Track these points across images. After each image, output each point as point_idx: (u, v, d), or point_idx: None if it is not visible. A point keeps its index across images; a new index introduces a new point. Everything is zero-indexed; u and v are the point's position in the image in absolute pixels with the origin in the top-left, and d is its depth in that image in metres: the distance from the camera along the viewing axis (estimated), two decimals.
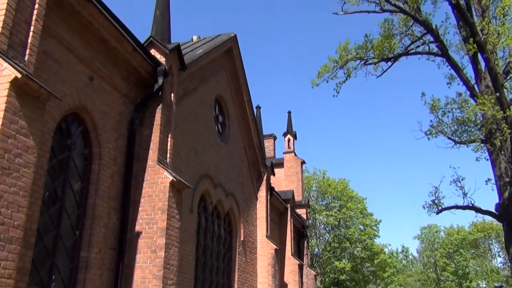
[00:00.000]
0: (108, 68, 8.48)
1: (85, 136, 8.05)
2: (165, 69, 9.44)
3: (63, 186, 7.35)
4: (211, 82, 13.48)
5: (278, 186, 24.25)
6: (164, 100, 9.44)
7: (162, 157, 9.13)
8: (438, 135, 14.97)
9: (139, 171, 8.92)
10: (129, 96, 9.12)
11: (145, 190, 8.78)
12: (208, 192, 12.43)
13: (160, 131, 9.13)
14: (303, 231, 24.06)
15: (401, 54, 14.83)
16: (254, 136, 16.71)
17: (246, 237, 15.05)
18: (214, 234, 13.03)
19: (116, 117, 8.65)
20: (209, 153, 12.67)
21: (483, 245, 60.60)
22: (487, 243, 60.64)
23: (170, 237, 8.55)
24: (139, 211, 8.66)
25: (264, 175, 17.21)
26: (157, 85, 9.29)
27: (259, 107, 19.40)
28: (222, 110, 14.77)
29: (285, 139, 26.96)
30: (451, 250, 59.92)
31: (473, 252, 59.75)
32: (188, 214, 10.88)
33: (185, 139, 11.12)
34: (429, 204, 15.88)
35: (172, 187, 8.79)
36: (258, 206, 16.73)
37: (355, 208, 46.28)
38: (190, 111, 11.63)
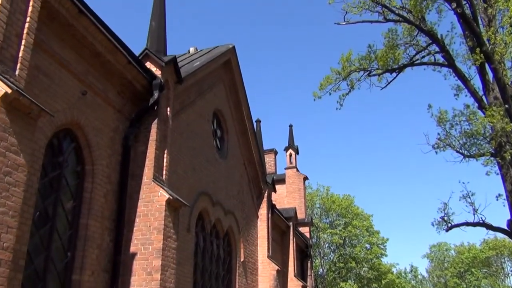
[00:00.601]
0: (102, 82, 8.53)
1: (78, 153, 8.06)
2: (160, 82, 9.49)
3: (55, 205, 7.34)
4: (209, 96, 13.54)
5: (279, 203, 24.18)
6: (159, 114, 9.48)
7: (158, 174, 9.13)
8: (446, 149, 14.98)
9: (134, 189, 8.92)
10: (123, 111, 9.15)
11: (140, 209, 8.76)
12: (206, 211, 12.40)
13: (155, 147, 9.14)
14: (306, 251, 23.94)
15: (406, 65, 14.91)
16: (254, 151, 16.72)
17: (247, 258, 14.98)
18: (213, 254, 12.97)
19: (110, 133, 8.67)
20: (207, 170, 12.67)
21: (496, 264, 60.16)
22: (499, 262, 60.21)
23: (167, 258, 8.51)
24: (134, 231, 8.64)
25: (265, 192, 17.18)
26: (152, 99, 9.34)
27: (259, 121, 19.45)
28: (220, 124, 14.80)
29: (286, 154, 26.97)
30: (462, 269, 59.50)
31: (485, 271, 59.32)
32: (186, 234, 10.84)
33: (182, 155, 11.13)
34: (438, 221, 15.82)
35: (169, 206, 8.78)
36: (259, 224, 16.67)
37: (361, 226, 46.09)
38: (187, 125, 11.66)
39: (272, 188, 18.07)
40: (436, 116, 15.15)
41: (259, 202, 17.02)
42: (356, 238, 46.17)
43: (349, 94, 14.97)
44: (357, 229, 45.91)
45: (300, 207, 25.04)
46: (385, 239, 48.40)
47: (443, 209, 15.51)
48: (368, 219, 48.02)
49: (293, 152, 26.86)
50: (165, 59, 9.92)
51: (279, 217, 19.36)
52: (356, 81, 14.95)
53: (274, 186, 18.56)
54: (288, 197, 25.64)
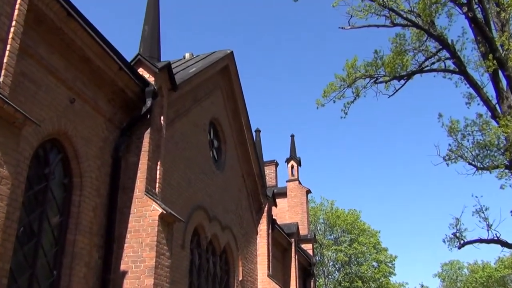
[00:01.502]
0: (92, 89, 8.56)
1: (65, 165, 8.07)
2: (154, 89, 9.52)
3: (40, 220, 7.33)
4: (205, 104, 13.57)
5: (280, 218, 24.13)
6: (153, 123, 9.50)
7: (151, 187, 9.13)
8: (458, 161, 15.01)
9: (125, 203, 8.91)
10: (114, 120, 9.18)
11: (131, 224, 8.75)
12: (202, 226, 12.38)
13: (148, 158, 9.15)
14: (309, 269, 23.85)
15: (415, 71, 14.98)
16: (253, 163, 16.72)
17: (245, 277, 14.92)
18: (209, 273, 12.92)
19: (99, 143, 8.69)
20: (203, 182, 12.67)
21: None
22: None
23: (159, 277, 8.48)
24: (124, 248, 8.61)
25: (265, 206, 17.16)
26: (145, 107, 9.36)
27: (259, 130, 19.47)
28: (217, 134, 14.82)
29: (288, 165, 26.97)
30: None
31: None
32: (180, 250, 10.82)
33: (176, 167, 11.14)
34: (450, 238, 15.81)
35: (162, 221, 8.77)
36: (258, 241, 16.63)
37: (367, 243, 45.96)
38: (182, 135, 11.68)
39: (273, 202, 18.05)
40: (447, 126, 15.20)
41: (259, 217, 16.99)
42: (362, 256, 46.01)
43: (354, 102, 15.05)
44: (363, 246, 45.77)
45: (303, 223, 24.98)
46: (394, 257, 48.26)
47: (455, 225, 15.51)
48: (375, 236, 47.90)
49: (295, 163, 26.85)
50: (158, 65, 9.95)
51: (280, 233, 19.30)
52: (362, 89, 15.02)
53: (275, 200, 18.54)
54: (290, 212, 25.58)
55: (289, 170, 26.84)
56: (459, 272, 65.45)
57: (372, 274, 45.14)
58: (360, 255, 45.70)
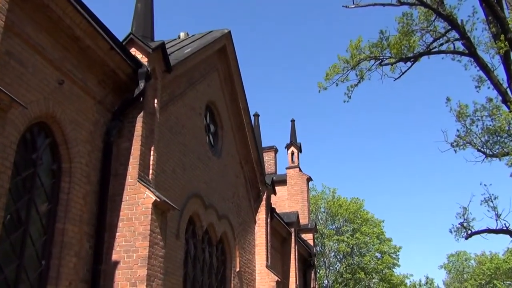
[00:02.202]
0: (81, 70, 8.52)
1: (54, 150, 8.06)
2: (147, 71, 9.49)
3: (28, 208, 7.33)
4: (201, 86, 13.54)
5: (280, 207, 24.22)
6: (146, 107, 9.48)
7: (144, 174, 9.14)
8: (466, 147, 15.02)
9: (117, 190, 8.92)
10: (105, 103, 9.15)
11: (123, 212, 8.77)
12: (197, 215, 12.42)
13: (141, 143, 9.14)
14: (309, 260, 23.99)
15: (422, 53, 14.91)
16: (251, 149, 16.74)
17: (243, 267, 15.01)
18: (205, 263, 12.99)
19: (89, 128, 8.67)
20: (199, 169, 12.69)
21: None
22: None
23: (153, 268, 8.53)
24: (116, 237, 8.64)
25: (263, 194, 17.20)
26: (137, 89, 9.33)
27: (258, 114, 19.45)
28: (214, 118, 14.81)
29: (288, 152, 27.02)
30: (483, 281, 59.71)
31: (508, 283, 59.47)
32: (174, 240, 10.86)
33: (170, 153, 11.14)
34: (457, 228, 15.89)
35: (155, 209, 8.79)
36: (256, 230, 16.70)
37: (370, 233, 46.22)
38: (176, 119, 11.67)
39: (272, 190, 18.10)
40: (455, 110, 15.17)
41: (257, 205, 17.05)
42: (365, 246, 46.29)
43: (358, 85, 14.98)
44: (366, 236, 46.04)
45: (303, 211, 25.09)
46: (398, 248, 48.58)
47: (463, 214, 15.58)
48: (379, 225, 48.15)
49: (295, 149, 26.89)
50: (152, 45, 9.90)
51: (280, 222, 19.38)
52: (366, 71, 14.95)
53: (274, 188, 18.58)
54: (290, 200, 25.69)
55: (289, 157, 26.89)
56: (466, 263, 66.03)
57: (375, 265, 45.45)
58: (362, 246, 45.98)
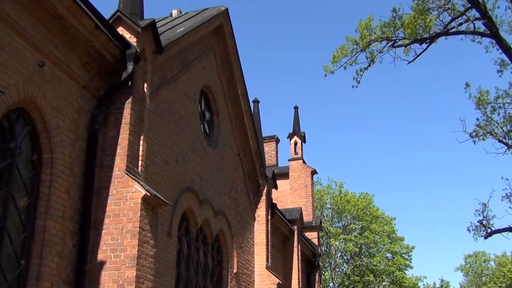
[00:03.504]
0: (64, 51, 8.51)
1: (34, 139, 8.07)
2: (136, 52, 9.47)
3: (5, 202, 7.35)
4: (195, 69, 13.52)
5: (282, 202, 24.26)
6: (134, 92, 9.47)
7: (132, 165, 9.15)
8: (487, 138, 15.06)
9: (103, 183, 8.94)
10: (89, 87, 9.15)
11: (110, 207, 8.79)
12: (191, 211, 12.45)
13: (129, 132, 9.15)
14: (314, 261, 24.06)
15: (439, 34, 14.90)
16: (251, 138, 16.74)
17: (241, 269, 15.06)
18: (199, 264, 13.04)
19: (73, 114, 8.67)
20: (193, 160, 12.70)
21: None
22: None
23: (143, 269, 8.56)
24: (102, 235, 8.67)
25: (263, 188, 17.23)
26: (125, 73, 9.32)
27: (257, 101, 19.44)
28: (209, 105, 14.81)
29: (290, 142, 27.01)
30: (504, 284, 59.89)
31: None
32: (166, 238, 10.89)
33: (162, 142, 11.15)
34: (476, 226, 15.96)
35: (145, 204, 8.81)
36: (256, 228, 16.75)
37: (381, 231, 46.33)
38: (168, 106, 11.67)
39: (273, 184, 18.12)
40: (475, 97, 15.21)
41: (257, 200, 17.08)
42: (375, 246, 46.42)
43: (368, 68, 15.00)
44: (376, 235, 46.16)
45: (307, 208, 25.12)
46: (411, 248, 48.69)
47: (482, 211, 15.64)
48: (390, 223, 48.25)
49: (298, 140, 26.89)
50: (141, 23, 9.88)
51: (281, 219, 19.42)
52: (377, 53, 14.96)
53: (275, 182, 18.60)
54: (292, 195, 25.72)
55: (291, 147, 26.88)
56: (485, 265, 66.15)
57: (385, 266, 45.59)
58: (372, 245, 46.10)
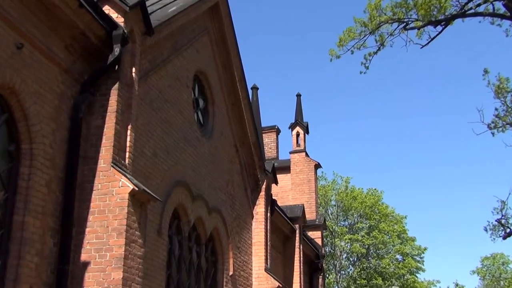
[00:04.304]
0: (44, 32, 8.49)
1: (11, 127, 8.06)
2: (123, 33, 9.44)
3: None
4: (188, 53, 13.50)
5: (282, 199, 24.29)
6: (122, 77, 9.46)
7: (119, 157, 9.15)
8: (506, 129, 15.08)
9: (87, 176, 8.95)
10: (72, 71, 9.13)
11: (94, 203, 8.80)
12: (183, 207, 12.46)
13: (116, 120, 9.14)
14: (317, 263, 24.11)
15: (456, 15, 14.89)
16: (249, 129, 16.73)
17: (237, 271, 15.10)
18: (192, 265, 13.07)
19: (54, 101, 8.66)
20: (185, 152, 12.71)
21: None
22: None
23: (130, 270, 8.58)
24: (86, 233, 8.68)
25: (262, 183, 17.24)
26: (112, 56, 9.29)
27: (256, 88, 19.44)
28: (204, 91, 14.80)
29: (292, 133, 27.01)
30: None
31: None
32: (155, 237, 10.91)
33: (151, 132, 11.14)
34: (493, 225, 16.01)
35: (133, 199, 8.81)
36: (254, 227, 16.77)
37: (390, 231, 46.46)
38: (159, 92, 11.66)
39: (273, 179, 18.13)
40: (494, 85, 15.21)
41: (255, 196, 17.09)
42: (383, 247, 46.57)
43: (378, 52, 15.02)
44: (385, 234, 46.29)
45: (310, 205, 25.15)
46: (423, 249, 48.89)
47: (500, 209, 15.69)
48: (400, 222, 48.39)
49: (301, 130, 26.89)
50: (129, 2, 9.83)
51: (282, 217, 19.44)
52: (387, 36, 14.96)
53: (275, 176, 18.61)
54: (294, 191, 25.74)
55: (293, 139, 26.89)
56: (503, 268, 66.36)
57: (395, 269, 45.74)
58: (381, 246, 46.24)
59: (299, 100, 27.76)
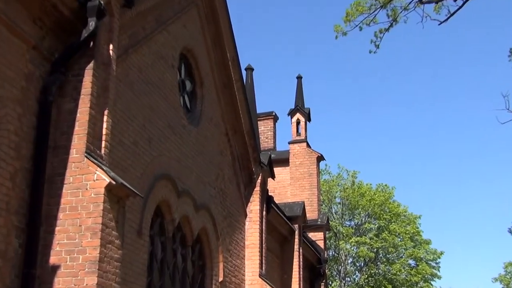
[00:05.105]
0: (9, 4, 8.45)
1: None
2: (99, 4, 9.37)
3: None
4: (174, 28, 13.47)
5: (280, 195, 24.31)
6: (97, 55, 9.42)
7: (94, 147, 9.12)
8: None
9: (57, 168, 8.93)
10: (41, 48, 9.09)
11: (66, 199, 8.79)
12: (167, 204, 12.46)
13: (90, 105, 9.10)
14: (319, 268, 24.19)
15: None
16: (242, 115, 16.72)
17: (228, 277, 15.13)
18: (177, 270, 13.08)
19: (21, 82, 8.64)
20: (170, 141, 12.69)
21: None
22: None
23: (106, 275, 8.57)
24: (55, 233, 8.67)
25: (257, 177, 17.26)
26: (86, 30, 9.25)
27: (251, 68, 19.38)
28: (191, 72, 14.78)
29: (292, 120, 27.00)
30: None
31: None
32: (135, 238, 10.91)
33: (131, 119, 11.13)
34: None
35: (110, 195, 8.80)
36: (247, 227, 16.80)
37: (402, 232, 46.57)
38: (140, 73, 11.63)
39: (269, 172, 18.14)
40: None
41: (249, 192, 17.11)
42: (394, 251, 46.70)
43: (390, 29, 14.96)
44: (396, 237, 46.41)
45: (311, 202, 25.19)
46: (439, 253, 49.03)
47: None
48: (413, 223, 48.50)
49: (302, 118, 26.87)
50: None
51: (279, 216, 19.47)
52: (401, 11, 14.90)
53: (272, 169, 18.61)
54: (293, 186, 25.75)
55: (293, 127, 26.88)
56: None
57: (407, 276, 45.89)
58: (391, 250, 46.36)
59: (300, 83, 27.72)
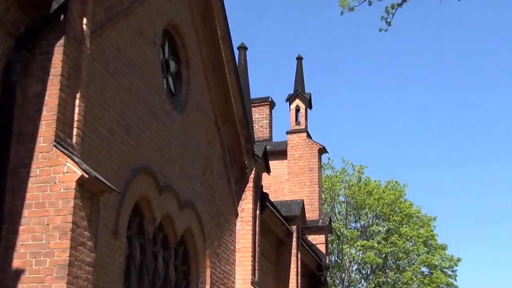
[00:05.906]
0: None
1: None
2: None
3: None
4: (157, 0, 13.44)
5: (276, 192, 24.36)
6: (69, 30, 9.39)
7: (64, 135, 9.11)
8: None
9: (22, 159, 8.93)
10: (5, 22, 9.07)
11: (31, 194, 8.79)
12: (147, 201, 12.48)
13: (60, 87, 9.08)
14: (319, 275, 24.26)
15: None
16: (234, 100, 16.72)
17: (216, 284, 15.15)
18: (157, 275, 13.11)
19: None
20: (151, 129, 12.69)
21: None
22: None
23: (76, 281, 8.58)
24: (19, 233, 8.68)
25: (250, 172, 17.28)
26: (56, 2, 9.23)
27: (244, 47, 19.39)
28: (176, 51, 14.77)
29: (290, 107, 27.02)
30: None
31: None
32: (110, 239, 10.92)
33: (107, 103, 11.11)
34: None
35: (82, 190, 8.81)
36: (238, 228, 16.84)
37: (414, 236, 46.67)
38: (117, 51, 11.62)
39: (264, 166, 18.16)
40: None
41: (241, 189, 17.14)
42: (406, 257, 46.83)
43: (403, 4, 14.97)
44: (408, 241, 46.51)
45: (312, 201, 25.24)
46: (456, 260, 49.16)
47: None
48: (427, 225, 48.60)
49: (302, 104, 26.89)
50: None
51: (275, 216, 19.49)
52: None
53: (268, 163, 18.63)
54: (292, 182, 25.79)
55: (292, 115, 26.90)
56: None
57: (420, 285, 46.03)
58: (402, 256, 46.49)
59: (300, 65, 27.74)
